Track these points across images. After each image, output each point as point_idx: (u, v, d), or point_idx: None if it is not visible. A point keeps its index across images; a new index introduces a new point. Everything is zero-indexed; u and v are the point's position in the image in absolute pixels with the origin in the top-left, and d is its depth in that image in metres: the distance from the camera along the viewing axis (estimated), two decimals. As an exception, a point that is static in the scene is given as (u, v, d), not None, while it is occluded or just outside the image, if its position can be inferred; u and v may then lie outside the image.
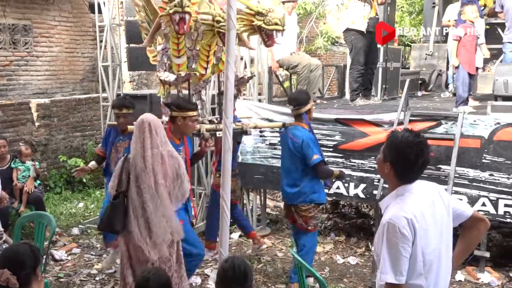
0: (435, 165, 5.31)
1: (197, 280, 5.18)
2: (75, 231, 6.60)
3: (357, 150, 5.84)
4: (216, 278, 2.80)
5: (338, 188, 5.97)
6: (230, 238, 5.33)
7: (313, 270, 3.55)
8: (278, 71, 7.49)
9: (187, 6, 4.14)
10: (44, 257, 4.22)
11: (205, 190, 6.63)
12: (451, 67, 7.53)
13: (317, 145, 4.77)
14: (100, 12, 7.08)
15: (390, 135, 2.48)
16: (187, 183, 3.82)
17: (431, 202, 2.38)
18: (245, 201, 6.84)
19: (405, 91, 5.66)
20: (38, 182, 6.45)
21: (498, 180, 5.15)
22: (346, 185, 5.93)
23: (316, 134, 5.74)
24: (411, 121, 5.51)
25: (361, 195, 5.87)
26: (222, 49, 4.74)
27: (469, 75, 6.10)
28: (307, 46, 13.82)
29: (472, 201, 5.25)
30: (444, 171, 5.25)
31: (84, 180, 8.42)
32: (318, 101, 7.28)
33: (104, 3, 6.85)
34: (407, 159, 2.35)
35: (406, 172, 2.39)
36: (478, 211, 5.12)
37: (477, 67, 7.26)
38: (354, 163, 5.87)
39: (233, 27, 3.09)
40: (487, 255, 5.20)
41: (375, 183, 5.68)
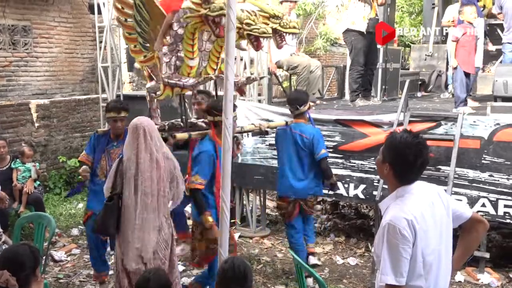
0: (434, 165, 5.31)
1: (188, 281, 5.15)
2: (75, 231, 6.61)
3: (357, 151, 5.84)
4: (216, 278, 2.81)
5: (338, 188, 5.96)
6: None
7: (312, 270, 3.55)
8: (277, 71, 7.49)
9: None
10: (44, 258, 4.23)
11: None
12: (450, 68, 7.53)
13: (323, 141, 5.03)
14: (99, 13, 7.09)
15: (389, 136, 2.48)
16: (182, 184, 3.77)
17: (430, 203, 2.38)
18: (244, 201, 6.84)
19: (404, 92, 5.66)
20: (38, 182, 6.45)
21: (498, 180, 5.15)
22: (346, 186, 5.93)
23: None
24: (410, 122, 5.51)
25: (361, 196, 5.87)
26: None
27: (466, 75, 6.10)
28: (307, 47, 13.81)
29: (472, 201, 5.25)
30: (443, 171, 5.25)
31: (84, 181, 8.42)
32: (318, 102, 7.27)
33: (104, 4, 6.86)
34: (406, 159, 2.35)
35: (405, 173, 2.39)
36: (478, 211, 5.12)
37: (477, 67, 7.26)
38: (354, 163, 5.88)
39: (233, 27, 3.10)
40: (487, 256, 5.20)
41: (375, 184, 5.68)
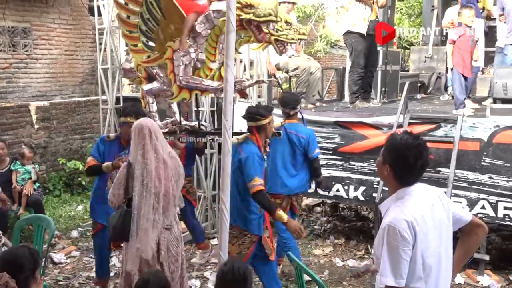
0: (434, 167, 5.31)
1: (197, 283, 5.17)
2: (74, 234, 6.60)
3: (356, 152, 5.85)
4: (216, 281, 2.80)
5: (337, 190, 5.97)
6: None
7: (312, 273, 3.55)
8: (277, 73, 7.48)
9: None
10: (43, 260, 4.22)
11: (204, 193, 6.61)
12: (450, 70, 7.52)
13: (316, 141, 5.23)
14: (99, 14, 7.07)
15: (389, 138, 2.48)
16: (182, 180, 3.82)
17: (431, 205, 2.38)
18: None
19: (404, 93, 5.66)
20: (37, 184, 6.44)
21: (498, 183, 5.15)
22: (346, 187, 5.93)
23: (316, 136, 5.83)
24: (410, 123, 5.52)
25: (361, 198, 5.87)
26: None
27: (464, 77, 6.08)
28: (306, 49, 13.83)
29: (472, 204, 5.25)
30: (443, 173, 5.25)
31: (83, 183, 8.42)
32: (318, 104, 7.27)
33: (104, 6, 6.85)
34: (406, 161, 2.35)
35: (405, 175, 2.39)
36: (478, 214, 5.13)
37: (478, 66, 7.24)
38: (354, 165, 5.88)
39: (233, 29, 3.10)
40: (486, 258, 5.20)
41: (375, 186, 5.68)
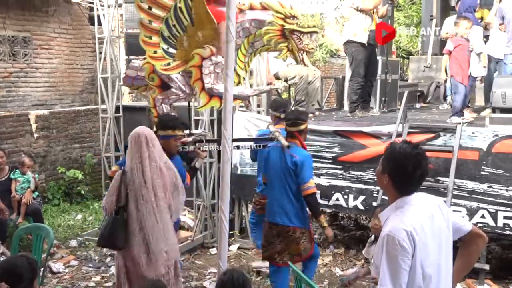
0: (433, 177, 5.31)
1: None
2: (73, 243, 6.57)
3: (356, 162, 5.84)
4: (215, 290, 2.80)
5: (337, 200, 5.96)
6: (228, 250, 5.31)
7: (312, 282, 3.54)
8: (276, 82, 7.50)
9: None
10: (42, 269, 4.21)
11: (203, 202, 6.61)
12: (449, 79, 7.54)
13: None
14: (99, 24, 7.11)
15: (389, 147, 2.48)
16: (183, 195, 3.77)
17: (430, 215, 2.37)
18: (244, 213, 6.82)
19: (403, 103, 5.67)
20: (37, 193, 6.43)
21: (497, 192, 5.14)
22: (346, 197, 5.92)
23: (315, 145, 6.01)
24: (409, 133, 5.52)
25: (360, 207, 5.86)
26: None
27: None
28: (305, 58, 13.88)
29: (471, 213, 5.25)
30: (443, 183, 5.25)
31: (83, 192, 8.41)
32: (317, 113, 7.28)
33: (104, 15, 6.89)
34: (405, 170, 2.35)
35: (405, 184, 2.39)
36: (477, 223, 5.12)
37: (475, 77, 7.26)
38: (353, 175, 5.87)
39: (232, 39, 3.10)
40: (486, 267, 5.18)
41: (374, 195, 5.68)
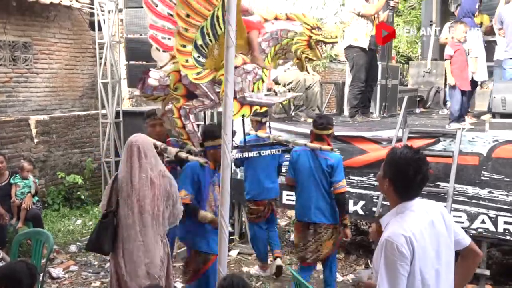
0: (434, 182, 5.30)
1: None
2: (73, 248, 6.56)
3: (356, 167, 5.84)
4: (214, 296, 2.79)
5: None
6: (228, 256, 5.30)
7: (310, 286, 3.52)
8: (275, 87, 7.50)
9: None
10: (41, 275, 4.20)
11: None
12: (448, 85, 7.54)
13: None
14: (100, 29, 7.13)
15: (390, 152, 2.48)
16: (180, 204, 3.68)
17: (431, 221, 2.36)
18: (243, 218, 6.81)
19: (403, 108, 5.68)
20: (37, 198, 6.43)
21: (497, 197, 5.14)
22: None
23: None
24: (409, 138, 5.53)
25: (360, 212, 5.86)
26: None
27: (462, 92, 6.07)
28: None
29: (472, 218, 5.24)
30: (443, 188, 5.25)
31: (82, 197, 8.40)
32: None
33: (104, 21, 6.91)
34: (406, 175, 2.35)
35: (405, 189, 2.39)
36: (478, 228, 5.12)
37: (476, 81, 7.24)
38: (353, 180, 5.87)
39: (232, 44, 3.10)
40: (487, 273, 5.17)
41: (374, 200, 5.67)
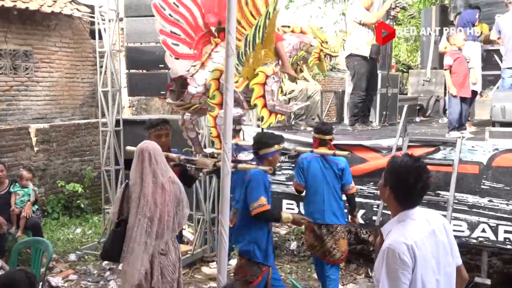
0: (434, 190, 5.29)
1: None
2: (72, 257, 6.54)
3: (356, 175, 5.80)
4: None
5: (337, 213, 5.93)
6: (228, 265, 5.27)
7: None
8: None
9: None
10: (41, 284, 4.18)
11: (203, 216, 6.59)
12: (448, 93, 7.56)
13: None
14: (100, 38, 7.15)
15: (390, 160, 2.49)
16: (187, 208, 3.75)
17: (432, 230, 2.36)
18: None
19: (403, 117, 5.68)
20: (36, 207, 6.42)
21: (498, 206, 5.13)
22: (345, 210, 5.89)
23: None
24: (409, 147, 5.52)
25: (360, 221, 5.83)
26: None
27: (462, 100, 6.08)
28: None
29: (472, 227, 5.23)
30: (443, 197, 5.24)
31: (82, 206, 8.39)
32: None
33: (105, 30, 6.93)
34: (406, 183, 2.35)
35: (406, 197, 2.39)
36: (478, 237, 5.12)
37: (475, 90, 7.26)
38: (353, 188, 5.85)
39: (232, 53, 3.12)
40: (488, 282, 5.15)
41: (374, 209, 5.66)
